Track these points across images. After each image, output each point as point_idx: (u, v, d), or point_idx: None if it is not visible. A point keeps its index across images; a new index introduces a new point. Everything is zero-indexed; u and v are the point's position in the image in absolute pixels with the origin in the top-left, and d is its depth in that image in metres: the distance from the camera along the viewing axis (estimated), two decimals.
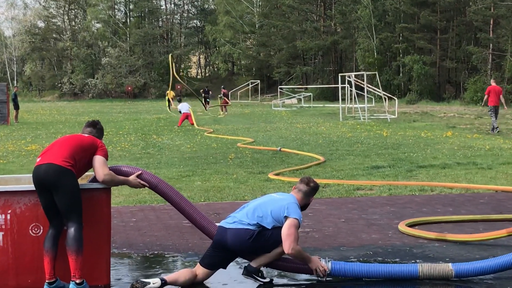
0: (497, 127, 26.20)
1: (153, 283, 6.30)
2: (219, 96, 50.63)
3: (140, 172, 6.66)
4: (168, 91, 55.97)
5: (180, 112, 33.38)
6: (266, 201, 6.67)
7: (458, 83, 65.60)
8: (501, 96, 26.99)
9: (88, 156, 6.47)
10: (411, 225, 9.02)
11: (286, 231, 6.36)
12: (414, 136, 24.36)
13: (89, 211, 6.41)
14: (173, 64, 38.47)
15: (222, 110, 47.16)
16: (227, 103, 48.20)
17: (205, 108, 48.61)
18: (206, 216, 6.91)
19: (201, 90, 62.48)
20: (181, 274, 6.50)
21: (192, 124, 32.22)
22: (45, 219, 6.33)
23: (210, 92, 60.34)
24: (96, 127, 6.93)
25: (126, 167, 6.74)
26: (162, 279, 6.35)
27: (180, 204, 6.74)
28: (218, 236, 6.54)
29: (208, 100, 56.99)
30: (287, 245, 6.33)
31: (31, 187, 6.33)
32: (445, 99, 60.22)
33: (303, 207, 6.76)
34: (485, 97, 27.13)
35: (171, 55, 40.05)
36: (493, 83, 27.97)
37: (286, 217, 6.42)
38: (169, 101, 51.85)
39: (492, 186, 12.55)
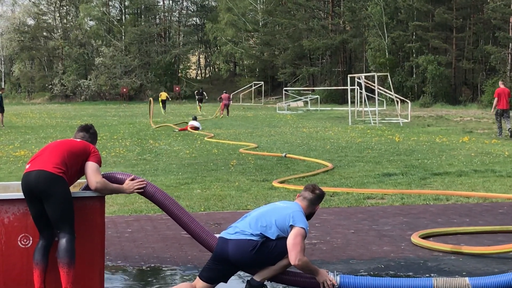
0: (501, 131, 26.82)
1: None
2: (219, 98, 50.60)
3: (132, 176, 6.67)
4: (160, 93, 57.43)
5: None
6: (270, 209, 6.67)
7: (476, 85, 65.53)
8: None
9: (80, 162, 6.46)
10: (425, 237, 9.01)
11: (291, 241, 6.34)
12: (428, 141, 24.36)
13: (81, 221, 6.40)
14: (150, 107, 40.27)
15: (221, 112, 47.54)
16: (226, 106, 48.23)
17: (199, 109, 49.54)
18: (205, 228, 6.91)
19: (195, 92, 63.27)
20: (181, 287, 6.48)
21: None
22: (35, 230, 6.32)
23: (205, 93, 60.88)
24: (89, 131, 6.93)
25: (121, 174, 6.73)
26: None
27: (178, 214, 6.74)
28: (218, 248, 6.51)
29: (201, 102, 58.03)
30: (293, 256, 6.31)
31: (20, 195, 6.31)
32: (462, 102, 60.20)
33: (308, 216, 6.75)
34: (495, 100, 27.20)
35: (151, 100, 41.29)
36: (501, 85, 28.23)
37: (291, 226, 6.41)
38: (163, 102, 53.44)
39: None
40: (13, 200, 6.36)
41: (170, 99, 68.35)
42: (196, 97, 59.35)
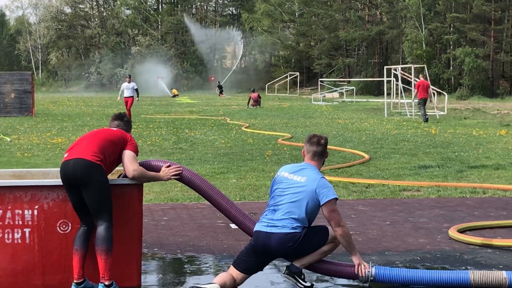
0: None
1: None
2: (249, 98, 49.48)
3: (168, 163, 6.70)
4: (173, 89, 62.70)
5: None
6: (295, 196, 6.43)
7: None
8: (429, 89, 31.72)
9: (117, 150, 6.50)
10: (462, 231, 8.95)
11: (329, 215, 6.38)
12: (465, 134, 24.18)
13: (120, 208, 6.45)
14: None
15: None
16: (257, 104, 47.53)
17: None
18: (243, 210, 6.92)
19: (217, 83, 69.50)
20: (225, 278, 6.44)
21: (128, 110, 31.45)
22: (74, 216, 6.38)
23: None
24: (123, 119, 6.96)
25: (157, 161, 6.75)
26: (215, 284, 6.32)
27: (215, 198, 6.75)
28: (260, 242, 6.45)
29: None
30: (334, 223, 6.35)
31: (59, 181, 6.35)
32: (499, 95, 59.70)
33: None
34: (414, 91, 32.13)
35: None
36: (421, 78, 32.15)
37: (324, 204, 6.40)
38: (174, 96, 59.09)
39: None
40: (52, 186, 6.42)
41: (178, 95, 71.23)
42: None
